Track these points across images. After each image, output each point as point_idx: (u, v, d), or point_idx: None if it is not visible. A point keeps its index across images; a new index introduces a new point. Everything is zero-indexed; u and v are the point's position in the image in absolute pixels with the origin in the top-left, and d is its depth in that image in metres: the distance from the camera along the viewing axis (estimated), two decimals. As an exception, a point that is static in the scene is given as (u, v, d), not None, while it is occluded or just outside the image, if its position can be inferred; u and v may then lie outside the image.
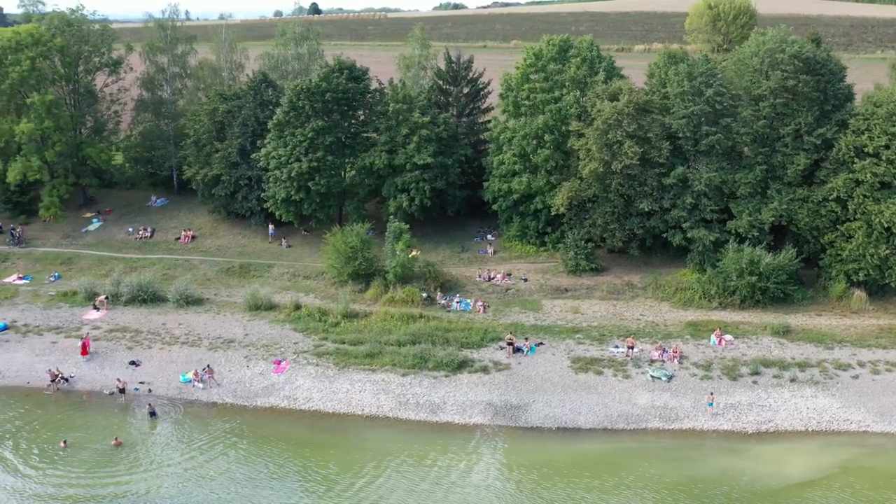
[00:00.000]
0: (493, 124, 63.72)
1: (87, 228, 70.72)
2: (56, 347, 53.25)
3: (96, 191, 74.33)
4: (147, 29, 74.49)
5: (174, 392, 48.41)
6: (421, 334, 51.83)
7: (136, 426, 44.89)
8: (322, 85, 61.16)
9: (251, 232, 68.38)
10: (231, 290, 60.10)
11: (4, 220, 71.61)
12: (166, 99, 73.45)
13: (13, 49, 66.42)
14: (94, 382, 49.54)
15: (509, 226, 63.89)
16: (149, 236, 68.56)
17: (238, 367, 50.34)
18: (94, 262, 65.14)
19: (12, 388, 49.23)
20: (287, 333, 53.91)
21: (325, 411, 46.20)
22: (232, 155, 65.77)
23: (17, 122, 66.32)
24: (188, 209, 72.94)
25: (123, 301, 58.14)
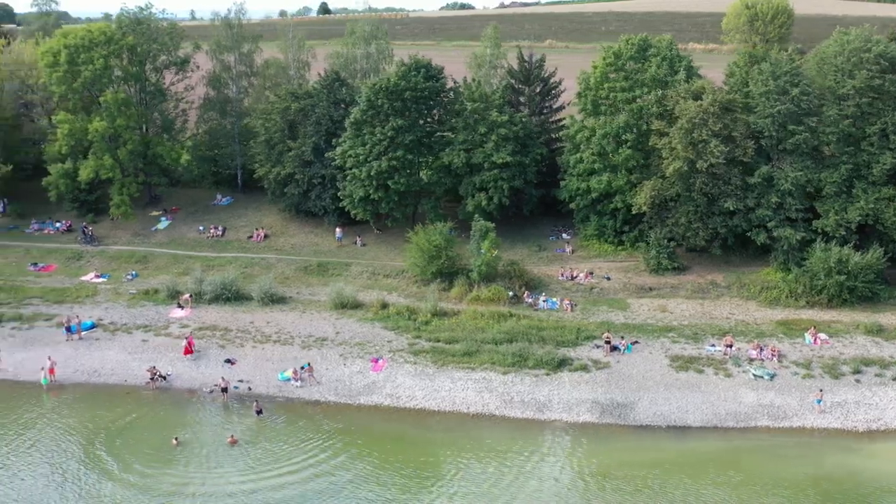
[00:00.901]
0: (568, 123, 63.78)
1: (157, 227, 70.71)
2: (147, 346, 53.28)
3: (160, 189, 74.12)
4: (213, 27, 74.39)
5: (273, 390, 48.40)
6: (515, 333, 51.91)
7: (244, 425, 44.84)
8: (401, 84, 61.16)
9: (322, 230, 68.40)
10: (312, 289, 60.10)
11: (73, 219, 71.68)
12: (232, 97, 73.37)
13: (86, 47, 66.40)
14: (191, 380, 49.56)
15: (586, 225, 63.94)
16: (220, 235, 68.54)
17: (335, 365, 50.35)
18: (170, 260, 65.17)
19: (111, 387, 49.25)
20: (378, 332, 53.94)
21: (430, 409, 46.19)
22: (305, 153, 65.77)
23: (90, 121, 66.30)
24: (255, 207, 72.97)
25: (207, 299, 58.15)
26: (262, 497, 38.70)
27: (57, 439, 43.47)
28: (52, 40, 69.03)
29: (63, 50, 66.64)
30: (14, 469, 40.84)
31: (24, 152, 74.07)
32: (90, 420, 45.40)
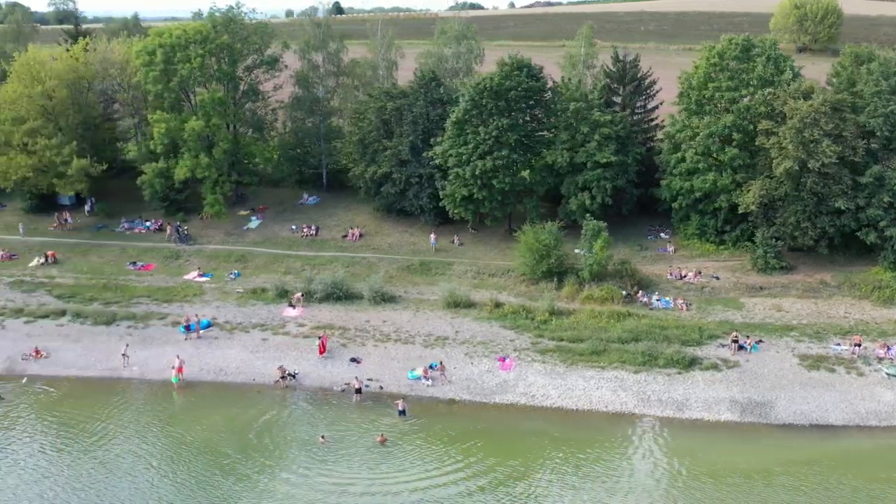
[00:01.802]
0: (669, 122, 63.90)
1: (248, 226, 70.79)
2: (268, 344, 53.33)
3: (252, 189, 74.15)
4: (300, 26, 74.43)
5: (405, 389, 48.38)
6: (639, 332, 52.01)
7: (387, 423, 44.81)
8: (505, 83, 61.23)
9: (416, 230, 68.50)
10: (419, 288, 60.16)
11: (160, 218, 71.77)
12: (320, 97, 73.44)
13: (182, 46, 66.47)
14: (319, 379, 49.58)
15: (686, 224, 64.06)
16: (314, 234, 68.58)
17: (462, 364, 50.38)
18: (269, 259, 65.23)
19: (239, 385, 49.27)
20: (497, 331, 54.01)
21: (568, 408, 46.25)
22: (402, 153, 65.84)
23: (186, 119, 66.40)
24: (343, 206, 73.09)
25: (317, 298, 58.20)
26: (426, 495, 38.74)
27: (204, 438, 43.52)
28: (147, 39, 69.08)
29: (159, 49, 66.75)
30: (173, 465, 40.93)
31: (109, 151, 74.01)
32: (230, 418, 45.42)
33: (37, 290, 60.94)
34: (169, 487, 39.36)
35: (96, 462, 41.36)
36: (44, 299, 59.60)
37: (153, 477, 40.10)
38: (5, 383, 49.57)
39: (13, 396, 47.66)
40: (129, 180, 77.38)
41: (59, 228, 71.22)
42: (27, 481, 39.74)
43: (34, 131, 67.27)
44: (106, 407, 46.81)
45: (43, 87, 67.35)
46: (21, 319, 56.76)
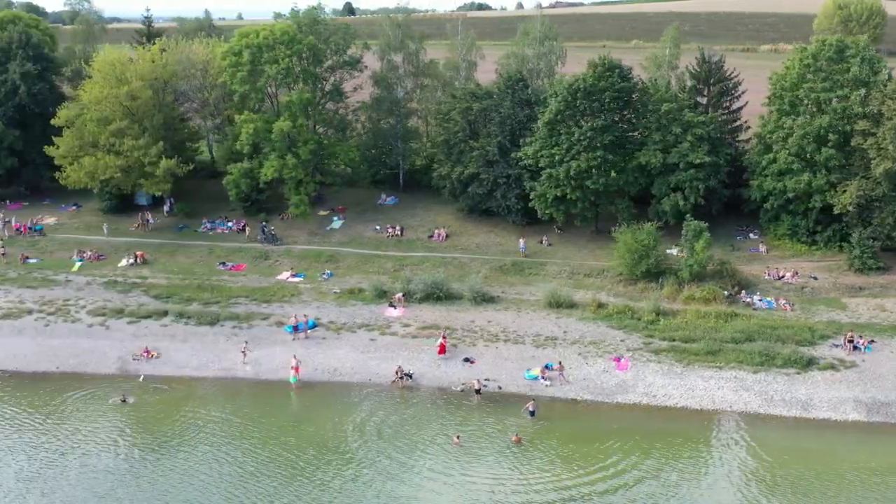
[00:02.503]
0: (760, 123, 64.11)
1: (331, 227, 70.92)
2: (376, 344, 53.44)
3: (334, 190, 74.06)
4: (379, 27, 74.52)
5: (523, 389, 48.44)
6: (750, 332, 52.18)
7: (518, 423, 44.87)
8: (599, 83, 61.40)
9: (501, 230, 68.64)
10: (516, 288, 60.31)
11: (240, 218, 71.92)
12: (399, 97, 73.56)
13: (269, 47, 66.59)
14: (435, 379, 49.66)
15: (776, 224, 64.21)
16: (399, 234, 68.73)
17: (577, 364, 50.48)
18: (359, 259, 65.38)
19: (356, 385, 49.31)
20: (605, 331, 54.18)
21: (692, 408, 46.30)
22: (490, 153, 65.99)
23: (274, 120, 66.57)
24: (423, 206, 73.29)
25: (417, 299, 58.33)
26: (573, 494, 38.77)
27: (335, 438, 43.50)
28: (233, 40, 69.18)
29: (245, 50, 66.88)
30: (313, 465, 40.99)
31: (186, 152, 74.10)
32: (356, 419, 45.45)
33: (132, 291, 61.07)
34: (308, 487, 39.36)
35: (233, 461, 41.45)
36: (141, 300, 59.72)
37: (293, 475, 40.19)
38: (121, 382, 49.81)
39: (137, 398, 47.65)
40: (203, 180, 77.89)
41: (141, 229, 71.36)
42: (175, 484, 39.86)
43: (120, 132, 67.38)
44: (230, 407, 47.00)
45: (129, 88, 67.41)
46: (123, 320, 56.86)
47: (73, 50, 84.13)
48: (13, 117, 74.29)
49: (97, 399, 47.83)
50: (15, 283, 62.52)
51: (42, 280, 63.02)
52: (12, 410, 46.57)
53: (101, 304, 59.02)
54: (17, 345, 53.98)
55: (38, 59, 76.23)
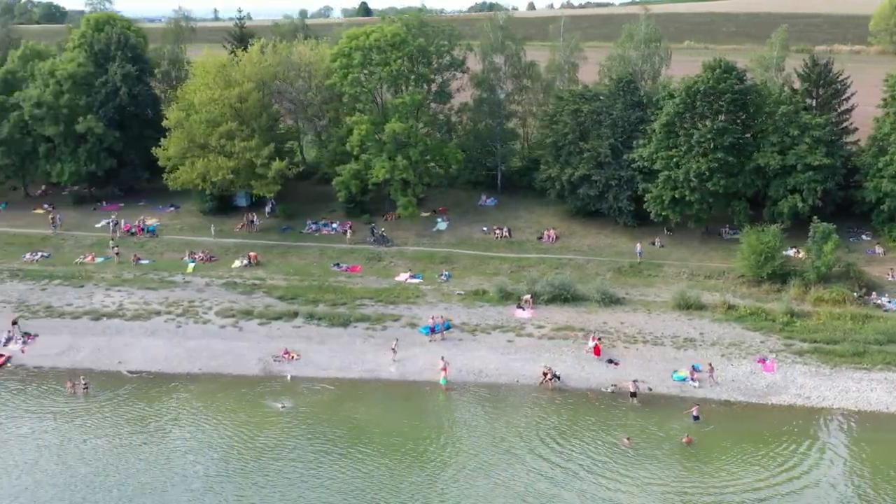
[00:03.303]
0: (875, 125, 64.30)
1: (437, 228, 71.09)
2: (514, 346, 53.61)
3: (440, 191, 74.06)
4: (480, 29, 74.63)
5: (673, 390, 48.66)
6: (891, 333, 52.36)
7: (679, 425, 45.02)
8: (719, 85, 61.57)
9: (610, 231, 68.77)
10: (639, 290, 60.49)
11: (342, 219, 72.16)
12: (500, 99, 73.72)
13: (381, 49, 66.77)
14: (583, 380, 49.84)
15: (891, 226, 64.29)
16: (508, 235, 68.93)
17: (722, 365, 50.58)
18: (473, 260, 65.56)
19: (502, 386, 49.47)
20: (741, 332, 54.34)
21: (849, 409, 46.40)
22: (601, 155, 66.17)
23: (385, 121, 66.76)
24: (524, 208, 73.55)
25: (544, 300, 58.53)
26: (763, 495, 39.01)
27: (501, 439, 43.69)
28: (341, 42, 69.34)
29: (356, 52, 67.07)
30: (492, 466, 41.21)
31: (287, 153, 74.23)
32: (516, 420, 45.71)
33: (254, 292, 61.27)
34: (485, 486, 39.73)
35: (412, 463, 41.80)
36: (266, 301, 59.92)
37: (470, 477, 40.49)
38: (268, 383, 50.09)
39: (292, 401, 47.73)
40: (297, 181, 77.87)
41: (246, 230, 71.54)
42: (361, 487, 40.11)
43: (230, 133, 67.58)
44: (386, 408, 47.37)
45: (239, 90, 67.60)
46: (254, 321, 57.08)
47: (163, 51, 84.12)
48: (113, 118, 74.42)
49: (251, 400, 48.06)
50: (134, 284, 62.80)
51: (160, 281, 63.29)
52: (177, 411, 46.92)
53: (226, 305, 59.23)
54: (153, 346, 54.30)
55: (136, 60, 76.40)
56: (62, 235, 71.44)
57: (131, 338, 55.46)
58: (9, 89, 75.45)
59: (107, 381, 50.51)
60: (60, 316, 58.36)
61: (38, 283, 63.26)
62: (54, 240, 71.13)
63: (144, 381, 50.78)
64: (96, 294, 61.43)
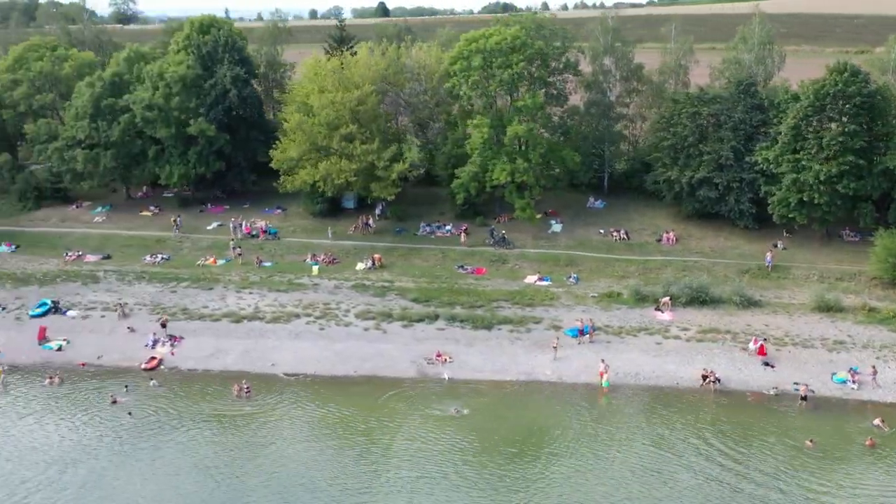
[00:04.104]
0: None
1: (552, 230, 71.28)
2: (662, 349, 53.81)
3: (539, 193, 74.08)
4: (590, 31, 74.80)
5: (836, 392, 48.67)
6: None
7: (857, 427, 45.22)
8: (849, 88, 61.71)
9: (728, 233, 68.81)
10: (772, 292, 60.57)
11: (452, 222, 72.46)
12: (611, 101, 73.89)
13: (502, 52, 66.97)
14: (742, 383, 50.00)
15: None
16: (626, 237, 69.14)
17: (879, 368, 50.71)
18: (598, 262, 65.74)
19: (664, 389, 49.63)
20: (888, 335, 54.37)
21: None
22: (723, 158, 66.35)
23: (507, 124, 67.01)
24: (634, 209, 73.77)
25: (682, 302, 58.71)
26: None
27: (681, 442, 43.98)
28: (459, 45, 69.59)
29: (476, 55, 67.28)
30: (681, 470, 41.50)
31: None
32: (686, 420, 45.99)
33: (387, 294, 61.49)
34: (678, 488, 39.97)
35: (587, 464, 42.06)
36: (401, 303, 60.14)
37: (651, 479, 40.80)
38: (424, 384, 50.38)
39: (465, 405, 47.89)
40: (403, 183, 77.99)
41: (361, 232, 71.77)
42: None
43: (349, 136, 67.81)
44: (552, 410, 47.65)
45: (359, 93, 67.86)
46: (395, 323, 57.33)
47: (260, 52, 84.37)
48: (222, 121, 74.63)
49: (418, 402, 48.32)
50: (262, 287, 63.08)
51: (288, 283, 63.53)
52: (354, 413, 47.20)
53: (364, 307, 59.46)
54: (301, 349, 54.60)
55: (242, 62, 76.67)
56: (178, 237, 71.72)
57: (276, 340, 55.76)
58: (116, 92, 75.63)
59: (263, 383, 50.73)
60: (200, 318, 58.67)
61: (167, 286, 63.60)
62: (171, 242, 71.45)
63: (303, 383, 51.05)
64: (228, 296, 61.74)
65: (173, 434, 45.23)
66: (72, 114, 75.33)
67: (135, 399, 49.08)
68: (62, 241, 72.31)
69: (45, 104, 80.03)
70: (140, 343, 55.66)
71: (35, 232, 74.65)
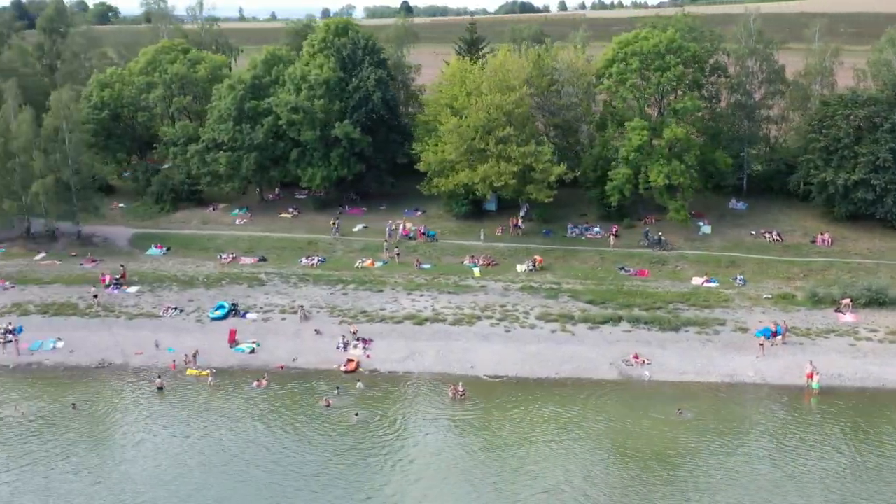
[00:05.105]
0: None
1: (702, 231, 71.61)
2: (860, 350, 54.09)
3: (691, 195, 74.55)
4: (733, 34, 75.11)
5: None
6: None
7: None
8: None
9: (880, 234, 69.04)
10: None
11: (596, 222, 72.95)
12: (755, 103, 74.21)
13: (660, 55, 67.35)
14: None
15: None
16: (779, 239, 69.54)
17: None
18: (759, 264, 66.02)
19: (879, 391, 49.86)
20: None
21: None
22: (880, 160, 66.68)
23: (665, 126, 67.42)
24: (778, 211, 73.97)
25: (861, 304, 59.01)
26: None
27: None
28: (610, 48, 70.03)
29: (633, 58, 67.65)
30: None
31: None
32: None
33: (559, 296, 61.86)
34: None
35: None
36: (576, 305, 60.51)
37: None
38: (627, 385, 50.73)
39: (684, 408, 48.27)
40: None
41: (511, 234, 72.16)
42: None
43: (505, 138, 68.18)
44: (767, 412, 48.24)
45: (518, 94, 68.26)
46: (580, 326, 57.68)
47: (388, 54, 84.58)
48: (364, 123, 75.00)
49: (633, 404, 48.70)
50: (431, 289, 63.43)
51: (455, 285, 63.85)
52: (568, 415, 47.62)
53: (542, 310, 59.83)
54: (494, 351, 55.04)
55: (381, 64, 77.06)
56: (336, 239, 72.11)
57: (466, 342, 56.14)
58: (257, 95, 75.99)
59: (469, 386, 50.83)
60: (382, 321, 59.04)
61: (335, 288, 63.98)
62: (322, 244, 71.85)
63: (508, 385, 51.44)
64: (400, 298, 62.13)
65: (413, 436, 45.68)
66: (214, 116, 75.66)
67: (347, 402, 49.48)
68: (212, 244, 72.74)
69: (180, 107, 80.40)
70: (329, 345, 56.14)
71: (181, 234, 75.06)
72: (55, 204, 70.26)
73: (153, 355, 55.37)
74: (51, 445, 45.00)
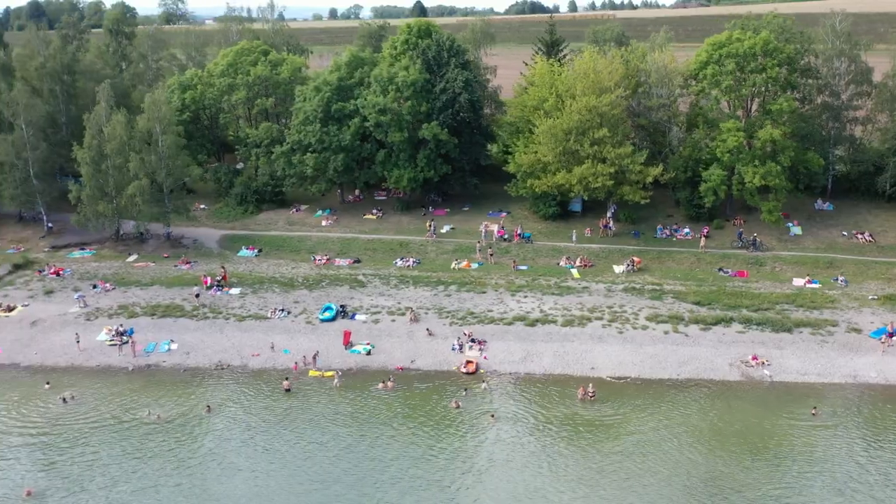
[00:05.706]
0: None
1: (793, 232, 71.83)
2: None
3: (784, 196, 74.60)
4: (818, 37, 75.26)
5: None
6: None
7: None
8: None
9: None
10: None
11: (685, 223, 73.17)
12: (842, 104, 74.43)
13: (753, 56, 67.56)
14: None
15: None
16: (872, 239, 69.94)
17: None
18: (858, 265, 66.63)
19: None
20: None
21: None
22: (970, 161, 67.18)
23: (761, 128, 67.62)
24: (867, 212, 74.78)
25: (950, 307, 59.40)
26: None
27: None
28: (704, 50, 70.20)
29: (728, 59, 67.87)
30: None
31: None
32: None
33: (663, 297, 62.08)
34: None
35: None
36: (683, 306, 60.68)
37: None
38: (749, 386, 51.00)
39: (822, 408, 48.46)
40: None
41: (602, 235, 72.42)
42: None
43: (600, 140, 68.40)
44: None
45: (613, 96, 68.44)
46: (692, 327, 57.79)
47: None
48: (450, 125, 75.23)
49: (763, 405, 48.98)
50: (534, 290, 63.63)
51: (558, 287, 64.06)
52: (709, 417, 47.84)
53: (650, 311, 60.03)
54: (612, 352, 55.20)
55: (466, 66, 77.28)
56: (433, 241, 72.46)
57: (581, 343, 56.35)
58: (342, 96, 76.21)
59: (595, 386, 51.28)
60: (492, 322, 59.23)
61: (436, 289, 64.20)
62: (413, 246, 72.14)
63: (633, 386, 51.68)
64: (505, 300, 62.34)
65: (551, 437, 45.97)
66: (300, 118, 75.89)
67: (474, 403, 49.75)
68: (302, 245, 73.07)
69: (263, 109, 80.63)
70: (443, 346, 56.39)
71: (270, 235, 75.37)
72: (148, 205, 70.51)
73: (270, 357, 55.66)
74: (195, 446, 45.35)
